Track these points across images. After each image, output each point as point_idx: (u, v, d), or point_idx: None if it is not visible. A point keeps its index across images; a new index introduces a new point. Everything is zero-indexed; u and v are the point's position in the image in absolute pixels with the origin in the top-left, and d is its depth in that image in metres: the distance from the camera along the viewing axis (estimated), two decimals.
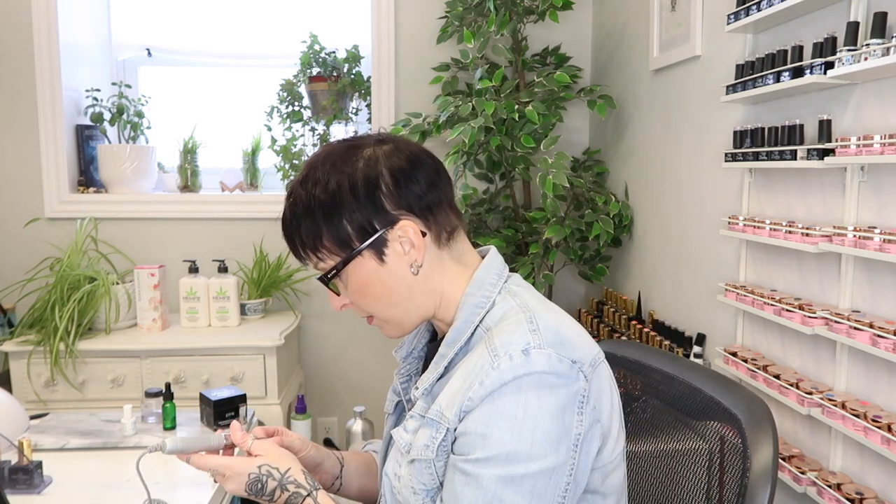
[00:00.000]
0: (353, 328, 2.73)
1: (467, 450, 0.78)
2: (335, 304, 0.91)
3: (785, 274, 1.45)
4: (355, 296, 0.89)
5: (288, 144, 2.59)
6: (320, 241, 0.86)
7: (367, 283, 0.87)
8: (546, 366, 0.77)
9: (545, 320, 0.82)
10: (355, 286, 0.88)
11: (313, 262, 0.90)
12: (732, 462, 0.93)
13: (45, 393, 2.14)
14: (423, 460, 0.82)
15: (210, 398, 1.65)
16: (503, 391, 0.76)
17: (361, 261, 0.86)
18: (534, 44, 2.59)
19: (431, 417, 0.82)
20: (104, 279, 2.23)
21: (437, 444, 0.81)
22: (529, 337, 0.79)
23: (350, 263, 0.86)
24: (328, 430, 2.77)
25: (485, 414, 0.77)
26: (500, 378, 0.76)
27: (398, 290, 0.88)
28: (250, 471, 0.90)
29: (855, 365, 1.24)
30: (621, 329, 2.18)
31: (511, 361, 0.77)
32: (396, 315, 0.90)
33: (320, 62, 2.62)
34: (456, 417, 0.79)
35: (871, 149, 1.12)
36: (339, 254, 0.86)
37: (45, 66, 2.49)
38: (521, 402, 0.76)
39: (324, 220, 0.85)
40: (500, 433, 0.76)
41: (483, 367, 0.78)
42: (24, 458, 1.32)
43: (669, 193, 2.00)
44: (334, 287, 0.90)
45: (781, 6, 1.31)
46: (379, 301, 0.89)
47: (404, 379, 0.99)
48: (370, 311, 0.91)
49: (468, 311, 0.87)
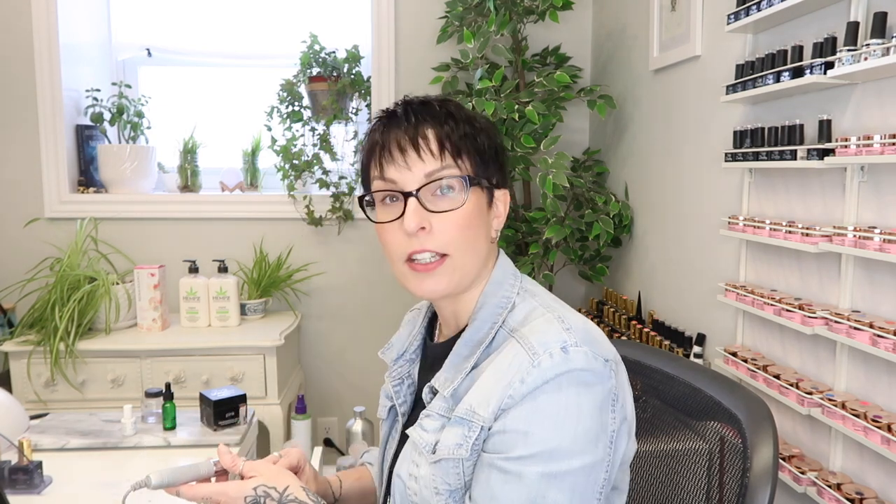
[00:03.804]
0: (353, 328, 2.73)
1: (506, 448, 0.77)
2: (416, 221, 0.82)
3: (785, 274, 1.45)
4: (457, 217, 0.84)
5: (288, 144, 2.59)
6: (482, 151, 0.87)
7: (473, 214, 0.85)
8: (584, 363, 0.77)
9: (573, 320, 0.82)
10: (467, 210, 0.84)
11: (439, 162, 0.84)
12: (732, 462, 0.93)
13: (45, 393, 2.14)
14: (452, 459, 0.81)
15: (210, 398, 1.65)
16: (545, 389, 0.76)
17: (482, 193, 0.87)
18: (534, 44, 2.59)
19: (461, 416, 0.81)
20: (104, 279, 2.23)
21: (470, 442, 0.79)
22: (565, 335, 0.79)
23: (476, 187, 0.86)
24: (328, 430, 2.77)
25: (526, 411, 0.77)
26: (542, 376, 0.76)
27: (482, 241, 0.87)
28: (246, 494, 0.85)
29: (855, 365, 1.24)
30: (621, 329, 2.18)
31: (552, 359, 0.77)
32: (466, 261, 0.85)
33: (320, 62, 2.62)
34: (492, 415, 0.78)
35: (871, 149, 1.12)
36: (472, 174, 0.85)
37: (45, 66, 2.49)
38: (562, 399, 0.76)
39: (497, 141, 0.90)
40: (542, 430, 0.76)
41: (522, 365, 0.78)
42: (24, 458, 1.32)
43: (669, 193, 2.00)
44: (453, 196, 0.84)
45: (781, 6, 1.31)
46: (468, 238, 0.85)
47: (396, 382, 0.97)
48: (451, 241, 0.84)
49: (489, 310, 0.87)
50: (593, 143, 2.70)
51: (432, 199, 0.84)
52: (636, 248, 2.26)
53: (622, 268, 2.38)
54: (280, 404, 2.23)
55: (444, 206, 0.84)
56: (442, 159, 0.84)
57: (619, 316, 2.22)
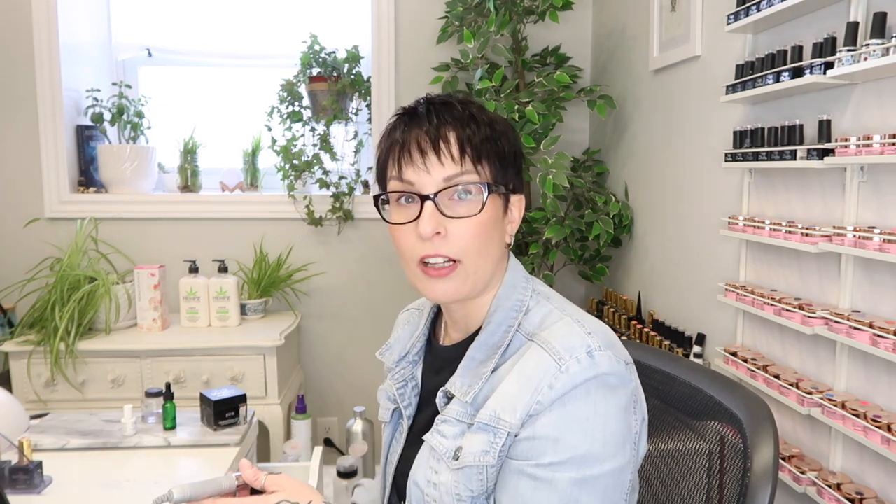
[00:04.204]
0: (353, 328, 2.73)
1: (535, 454, 0.77)
2: (431, 226, 0.81)
3: (785, 274, 1.45)
4: (473, 225, 0.82)
5: (288, 144, 2.59)
6: (503, 156, 0.86)
7: (490, 222, 0.84)
8: (609, 367, 0.78)
9: (591, 323, 0.82)
10: (483, 217, 0.83)
11: (458, 167, 0.82)
12: (733, 462, 0.93)
13: (45, 393, 2.14)
14: (477, 466, 0.80)
15: (210, 398, 1.65)
16: (574, 394, 0.76)
17: (499, 200, 0.86)
18: (534, 44, 2.59)
19: (485, 423, 0.80)
20: (104, 279, 2.23)
21: (497, 449, 0.79)
22: (589, 340, 0.79)
23: (493, 195, 0.84)
24: (328, 430, 2.77)
25: (556, 417, 0.76)
26: (571, 381, 0.76)
27: (496, 247, 0.86)
28: None
29: (855, 365, 1.24)
30: (621, 329, 2.18)
31: (579, 364, 0.77)
32: (480, 267, 0.84)
33: (320, 62, 2.62)
34: (519, 422, 0.78)
35: (870, 149, 1.12)
36: (490, 180, 0.84)
37: (45, 66, 2.49)
38: (590, 404, 0.76)
39: (516, 144, 0.88)
40: (572, 436, 0.76)
41: (549, 371, 0.77)
42: (24, 458, 1.32)
43: (669, 193, 2.00)
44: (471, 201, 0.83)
45: (781, 6, 1.31)
46: (483, 244, 0.84)
47: (400, 384, 0.96)
48: (466, 247, 0.83)
49: (503, 314, 0.86)
50: (593, 143, 2.70)
51: (449, 204, 0.83)
52: (636, 248, 2.26)
53: (622, 268, 2.38)
54: (280, 404, 2.23)
55: (461, 211, 0.83)
56: (462, 164, 0.82)
57: (619, 316, 2.22)
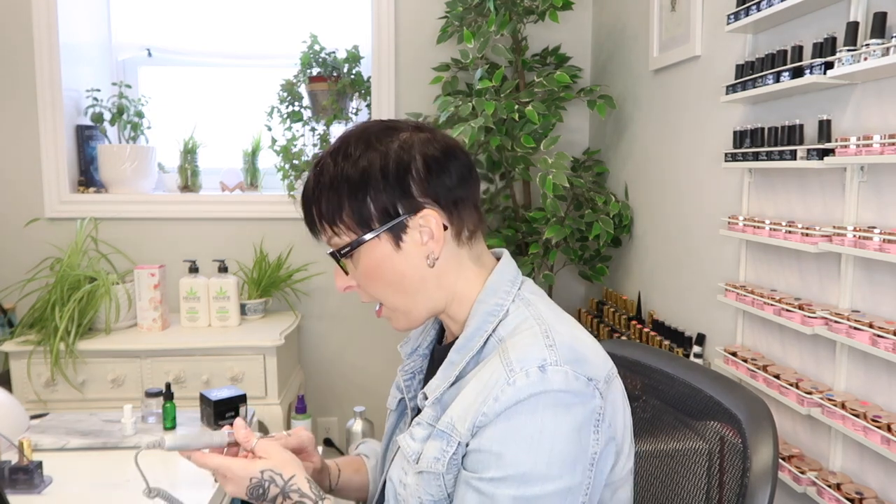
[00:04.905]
0: (353, 328, 2.73)
1: (481, 468, 0.76)
2: (340, 284, 0.89)
3: (785, 274, 1.45)
4: (364, 278, 0.86)
5: (288, 144, 2.59)
6: (340, 215, 0.84)
7: (379, 267, 0.85)
8: (563, 384, 0.75)
9: (561, 335, 0.80)
10: (366, 268, 0.85)
11: (326, 237, 0.87)
12: (732, 462, 0.93)
13: (45, 393, 2.14)
14: (433, 473, 0.80)
15: (210, 398, 1.65)
16: (519, 409, 0.75)
17: (377, 243, 0.84)
18: (534, 44, 2.59)
19: (442, 429, 0.80)
20: (104, 279, 2.23)
21: (447, 457, 0.79)
22: (546, 353, 0.77)
23: (366, 244, 0.84)
24: (328, 430, 2.77)
25: (500, 432, 0.75)
26: (515, 395, 0.75)
27: (410, 279, 0.85)
28: (252, 475, 0.87)
29: (855, 365, 1.24)
30: (621, 329, 2.18)
31: (528, 378, 0.75)
32: (405, 304, 0.87)
33: (320, 62, 2.62)
34: (468, 432, 0.77)
35: (870, 149, 1.12)
36: (356, 231, 0.84)
37: (45, 66, 2.49)
38: (537, 421, 0.74)
39: (348, 195, 0.83)
40: (515, 453, 0.74)
41: (498, 382, 0.76)
42: (24, 458, 1.32)
43: (669, 193, 2.00)
44: (344, 266, 0.87)
45: (781, 6, 1.31)
46: (388, 287, 0.86)
47: (408, 376, 0.97)
48: (376, 297, 0.88)
49: (480, 318, 0.85)
50: (593, 143, 2.70)
51: (346, 261, 0.87)
52: (636, 248, 2.26)
53: (622, 268, 2.38)
54: (280, 404, 2.23)
55: (352, 266, 0.87)
56: (324, 232, 0.86)
57: (619, 316, 2.22)
